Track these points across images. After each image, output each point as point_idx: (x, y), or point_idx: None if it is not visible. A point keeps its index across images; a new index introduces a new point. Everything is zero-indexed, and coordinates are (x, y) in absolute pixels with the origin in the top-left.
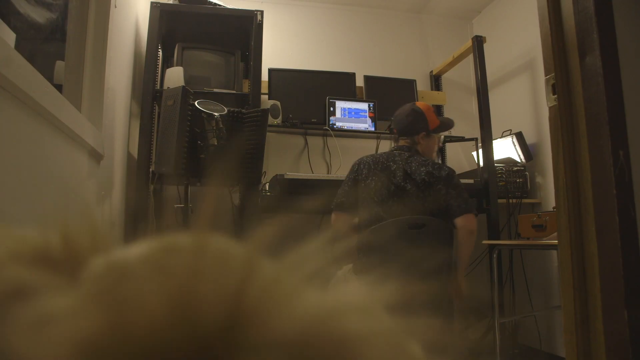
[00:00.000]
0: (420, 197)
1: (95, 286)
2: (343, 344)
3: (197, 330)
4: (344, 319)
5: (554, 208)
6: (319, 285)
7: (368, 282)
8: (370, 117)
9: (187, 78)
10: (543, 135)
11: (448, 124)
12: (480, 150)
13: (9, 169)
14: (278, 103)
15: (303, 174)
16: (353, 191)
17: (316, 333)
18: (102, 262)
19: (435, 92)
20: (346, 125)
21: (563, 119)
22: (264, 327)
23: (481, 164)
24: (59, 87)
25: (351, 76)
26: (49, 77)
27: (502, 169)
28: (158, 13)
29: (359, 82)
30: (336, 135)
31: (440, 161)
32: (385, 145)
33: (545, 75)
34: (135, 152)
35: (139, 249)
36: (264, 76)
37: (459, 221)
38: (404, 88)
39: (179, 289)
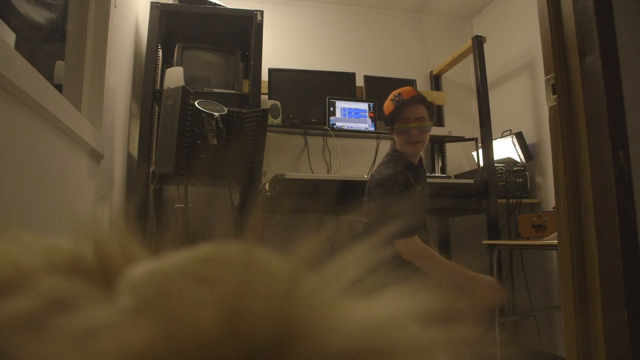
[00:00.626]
0: (362, 202)
1: (136, 297)
2: (391, 356)
3: (248, 343)
4: (389, 331)
5: (554, 208)
6: (358, 295)
7: (402, 293)
8: (370, 117)
9: (187, 78)
10: (543, 135)
11: (399, 106)
12: (480, 150)
13: (9, 169)
14: (278, 103)
15: (303, 174)
16: None
17: (365, 346)
18: (138, 272)
19: (435, 92)
20: (346, 125)
21: (563, 119)
22: (313, 340)
23: (481, 164)
24: (59, 87)
25: (351, 76)
26: (49, 77)
27: (502, 169)
28: (158, 13)
29: (359, 82)
30: (336, 135)
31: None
32: (385, 145)
33: (545, 75)
34: (135, 152)
35: (173, 259)
36: (264, 76)
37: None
38: None
39: (227, 301)
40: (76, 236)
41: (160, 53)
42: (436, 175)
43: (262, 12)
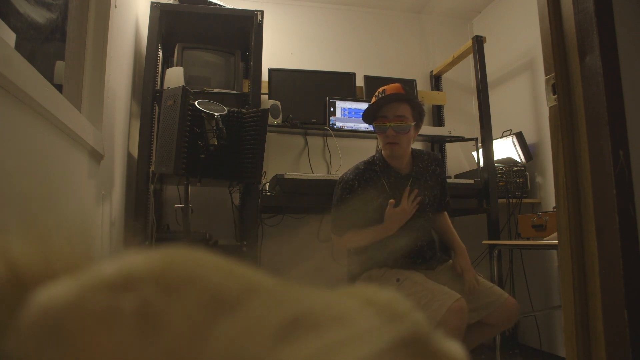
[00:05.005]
0: None
1: (22, 344)
2: None
3: None
4: None
5: (554, 208)
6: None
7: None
8: None
9: (187, 78)
10: (543, 135)
11: (378, 102)
12: (480, 150)
13: (9, 169)
14: (278, 103)
15: (303, 174)
16: None
17: None
18: (36, 305)
19: (435, 92)
20: (346, 125)
21: (563, 119)
22: None
23: (481, 164)
24: (59, 87)
25: (351, 76)
26: (49, 77)
27: (502, 169)
28: (158, 13)
29: (359, 82)
30: (336, 135)
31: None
32: None
33: (545, 75)
34: (135, 152)
35: (80, 283)
36: (264, 76)
37: None
38: None
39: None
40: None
41: (160, 53)
42: None
43: (262, 12)
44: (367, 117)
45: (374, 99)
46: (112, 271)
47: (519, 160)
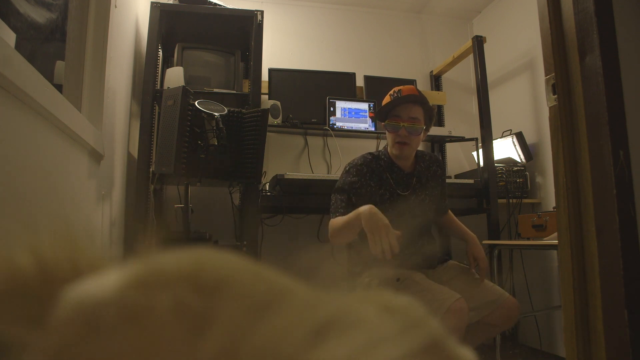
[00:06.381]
0: None
1: (60, 339)
2: None
3: None
4: None
5: (554, 208)
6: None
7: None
8: (370, 117)
9: (187, 78)
10: (543, 135)
11: (393, 102)
12: (480, 150)
13: (9, 169)
14: (278, 103)
15: (303, 174)
16: None
17: None
18: (71, 301)
19: (435, 92)
20: (346, 125)
21: (563, 119)
22: None
23: (481, 164)
24: (59, 87)
25: (351, 76)
26: (49, 77)
27: (502, 169)
28: (158, 13)
29: (359, 82)
30: (336, 135)
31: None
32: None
33: (545, 75)
34: (135, 152)
35: (113, 279)
36: (264, 76)
37: None
38: None
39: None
40: (16, 247)
41: (160, 53)
42: None
43: (262, 12)
44: (379, 114)
45: (388, 98)
46: (144, 270)
47: (519, 160)
